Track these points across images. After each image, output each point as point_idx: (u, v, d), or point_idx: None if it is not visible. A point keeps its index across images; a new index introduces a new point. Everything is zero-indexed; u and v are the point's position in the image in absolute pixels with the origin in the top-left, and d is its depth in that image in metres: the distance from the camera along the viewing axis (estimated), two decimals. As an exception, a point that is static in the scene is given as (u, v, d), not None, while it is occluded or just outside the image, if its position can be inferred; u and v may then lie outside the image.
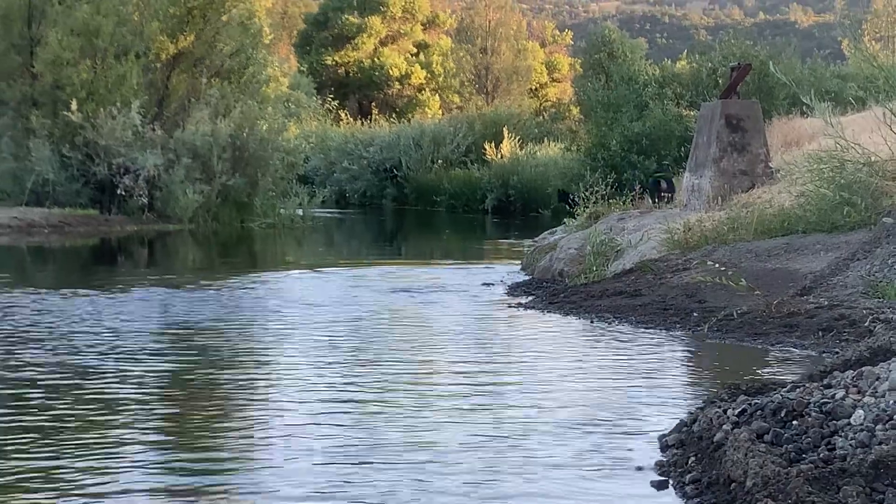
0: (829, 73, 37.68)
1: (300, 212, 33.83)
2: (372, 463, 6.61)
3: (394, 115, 59.66)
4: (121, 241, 26.83)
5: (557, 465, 6.60)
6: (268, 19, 43.86)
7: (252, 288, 16.52)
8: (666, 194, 22.98)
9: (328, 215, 39.72)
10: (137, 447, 6.99)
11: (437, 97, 72.32)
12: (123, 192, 30.43)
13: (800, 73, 33.25)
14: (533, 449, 6.95)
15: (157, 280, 17.18)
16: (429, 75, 73.73)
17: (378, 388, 8.89)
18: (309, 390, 8.75)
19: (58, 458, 6.69)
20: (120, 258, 23.65)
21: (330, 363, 10.07)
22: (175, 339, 11.56)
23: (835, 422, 6.21)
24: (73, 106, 30.35)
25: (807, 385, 7.07)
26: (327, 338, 11.61)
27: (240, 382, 9.25)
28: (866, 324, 10.41)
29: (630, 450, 6.90)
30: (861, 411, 6.21)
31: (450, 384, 9.25)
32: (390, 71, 72.59)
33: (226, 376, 9.51)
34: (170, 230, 29.16)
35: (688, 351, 11.05)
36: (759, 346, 10.70)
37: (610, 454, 6.84)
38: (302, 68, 70.72)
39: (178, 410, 8.21)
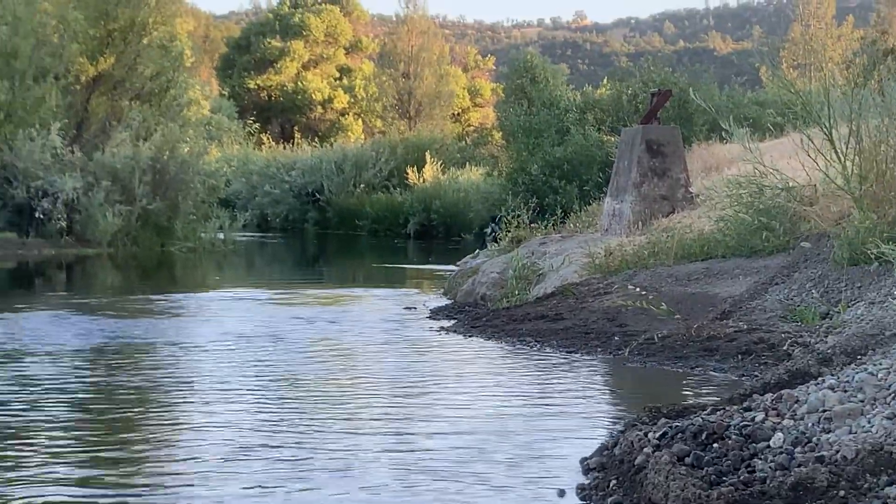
0: (747, 99, 38.22)
1: (221, 235, 33.51)
2: (294, 491, 6.52)
3: (316, 139, 59.38)
4: (38, 264, 26.38)
5: (479, 490, 6.56)
6: (189, 42, 43.56)
7: (169, 312, 16.29)
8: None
9: (250, 239, 39.42)
10: (50, 472, 6.84)
11: (359, 121, 72.27)
12: (42, 216, 29.89)
13: (718, 100, 33.67)
14: (456, 474, 6.90)
15: (74, 304, 16.88)
16: (351, 99, 73.69)
17: (296, 415, 8.78)
18: (226, 420, 8.52)
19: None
20: (37, 281, 23.25)
21: (249, 390, 9.90)
22: (88, 362, 11.36)
23: (754, 444, 6.24)
24: (-9, 128, 29.88)
25: (727, 408, 7.11)
26: (246, 363, 11.44)
27: (152, 408, 9.10)
28: (785, 347, 10.51)
29: (552, 474, 6.88)
30: (780, 434, 6.25)
31: (371, 410, 9.16)
32: (313, 95, 72.47)
33: (137, 400, 9.36)
34: (89, 254, 28.73)
35: (609, 374, 11.08)
36: (680, 370, 10.76)
37: (532, 478, 6.81)
38: (224, 92, 70.31)
39: (88, 435, 8.04)
